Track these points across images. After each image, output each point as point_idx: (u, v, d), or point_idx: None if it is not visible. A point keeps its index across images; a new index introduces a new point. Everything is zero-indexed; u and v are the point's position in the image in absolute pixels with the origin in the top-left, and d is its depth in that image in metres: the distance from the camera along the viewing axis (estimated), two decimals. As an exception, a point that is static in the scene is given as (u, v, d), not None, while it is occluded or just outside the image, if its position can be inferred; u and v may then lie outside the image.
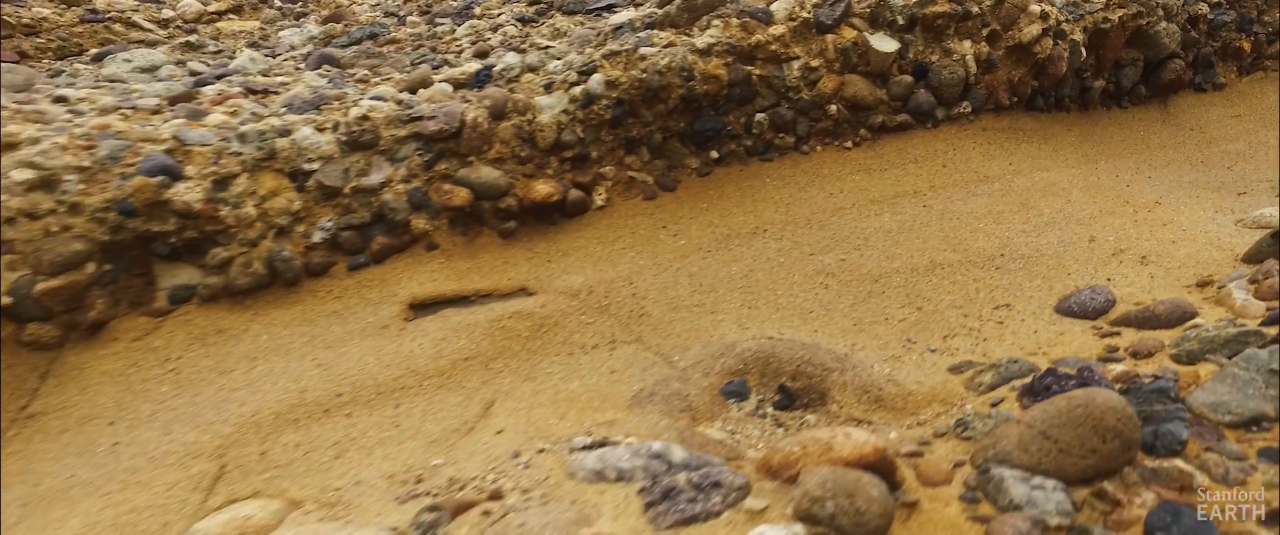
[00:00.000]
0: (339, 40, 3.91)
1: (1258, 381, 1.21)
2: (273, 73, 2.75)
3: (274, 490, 1.28)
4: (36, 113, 1.76)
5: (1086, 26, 2.86)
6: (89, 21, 6.05)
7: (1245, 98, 3.34)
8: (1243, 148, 2.98)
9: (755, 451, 1.30)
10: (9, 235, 1.58)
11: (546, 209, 2.14)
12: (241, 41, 5.48)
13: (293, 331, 1.74)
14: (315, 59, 2.91)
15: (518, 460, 1.24)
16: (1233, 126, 3.15)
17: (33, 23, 6.10)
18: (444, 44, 3.43)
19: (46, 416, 1.54)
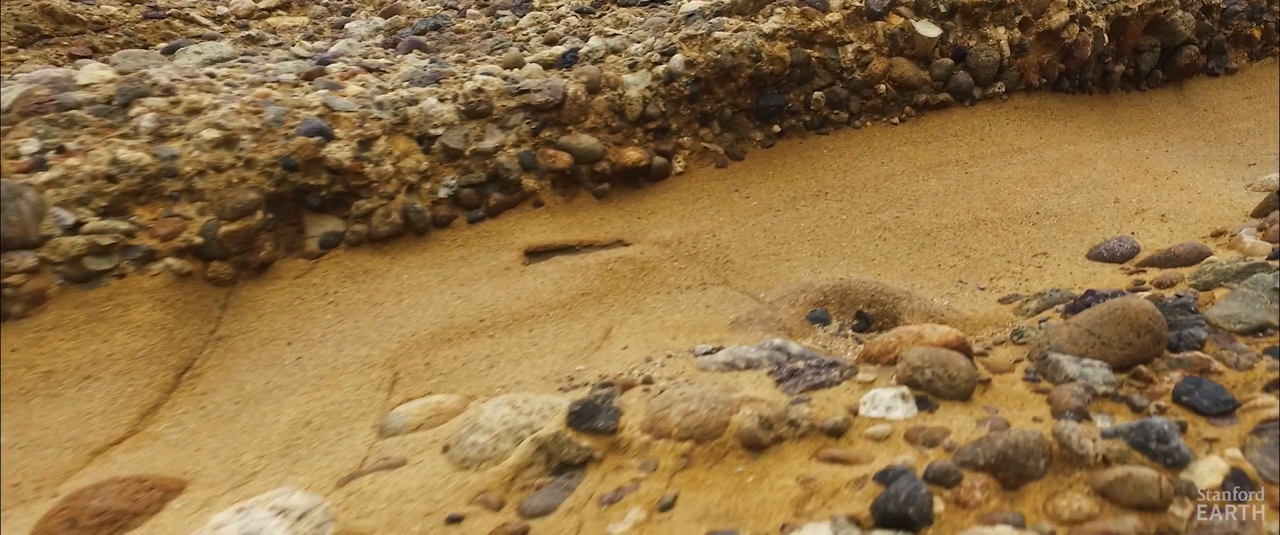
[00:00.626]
0: (404, 31, 4.17)
1: (1263, 298, 1.45)
2: (370, 56, 3.01)
3: (446, 390, 1.54)
4: (207, 84, 2.03)
5: (1109, 14, 3.09)
6: (151, 18, 6.38)
7: (1256, 81, 3.55)
8: (1253, 126, 3.20)
9: (849, 356, 1.55)
10: (200, 185, 1.84)
11: (634, 173, 2.39)
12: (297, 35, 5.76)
13: (428, 272, 2.00)
14: (406, 45, 3.17)
15: (651, 363, 1.49)
16: (1244, 107, 3.37)
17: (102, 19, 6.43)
18: (509, 34, 3.68)
19: (233, 339, 1.81)
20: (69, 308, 1.69)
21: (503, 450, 1.11)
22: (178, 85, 1.97)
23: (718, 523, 0.94)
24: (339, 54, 2.91)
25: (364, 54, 3.01)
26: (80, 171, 1.75)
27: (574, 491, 1.04)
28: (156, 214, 1.80)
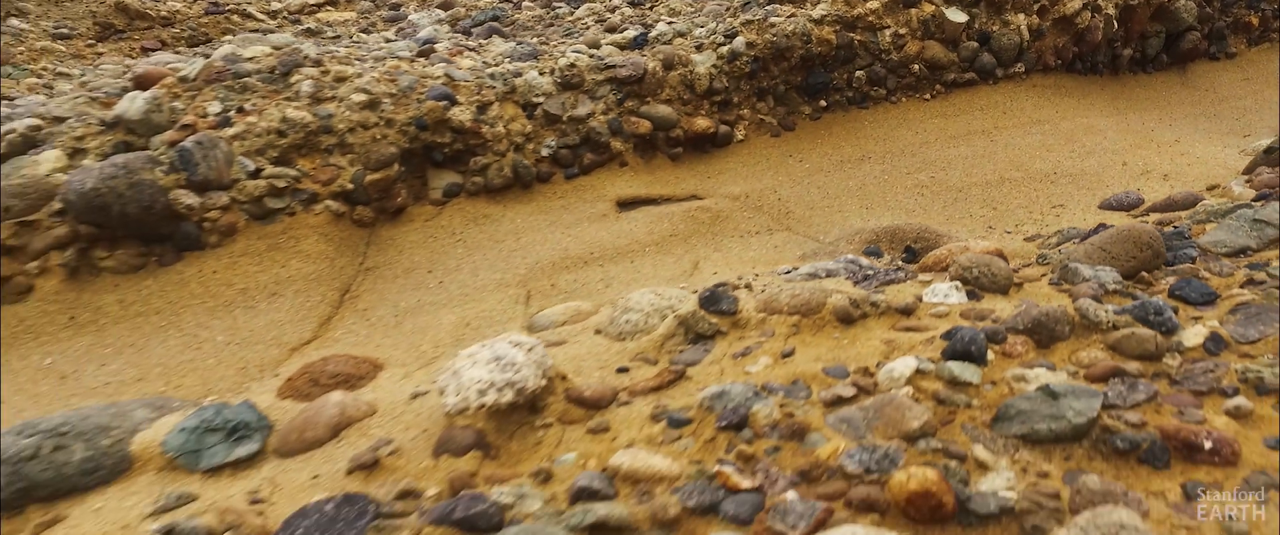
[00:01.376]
0: (464, 22, 4.49)
1: (1244, 228, 1.76)
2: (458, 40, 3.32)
3: (575, 301, 1.86)
4: (346, 57, 2.35)
5: (1118, 2, 3.38)
6: (212, 14, 6.77)
7: (1253, 64, 3.84)
8: (1250, 104, 3.49)
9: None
10: (350, 140, 2.17)
11: (703, 139, 2.70)
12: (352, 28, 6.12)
13: (537, 217, 2.32)
14: (485, 30, 3.48)
15: (743, 278, 1.81)
16: (1242, 88, 3.66)
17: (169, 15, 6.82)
18: (567, 24, 4.00)
19: (379, 269, 2.13)
20: (253, 238, 2.02)
21: (651, 325, 1.42)
22: (324, 58, 2.29)
23: (828, 363, 1.25)
24: (427, 39, 3.23)
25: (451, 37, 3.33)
26: (257, 128, 2.08)
27: (711, 351, 1.35)
28: (316, 164, 2.12)
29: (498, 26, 3.48)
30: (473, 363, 1.13)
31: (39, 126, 2.06)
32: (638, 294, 1.48)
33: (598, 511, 0.91)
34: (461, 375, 1.12)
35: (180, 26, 6.87)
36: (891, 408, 1.09)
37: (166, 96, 2.09)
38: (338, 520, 0.96)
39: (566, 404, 1.17)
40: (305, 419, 1.26)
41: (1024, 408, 1.09)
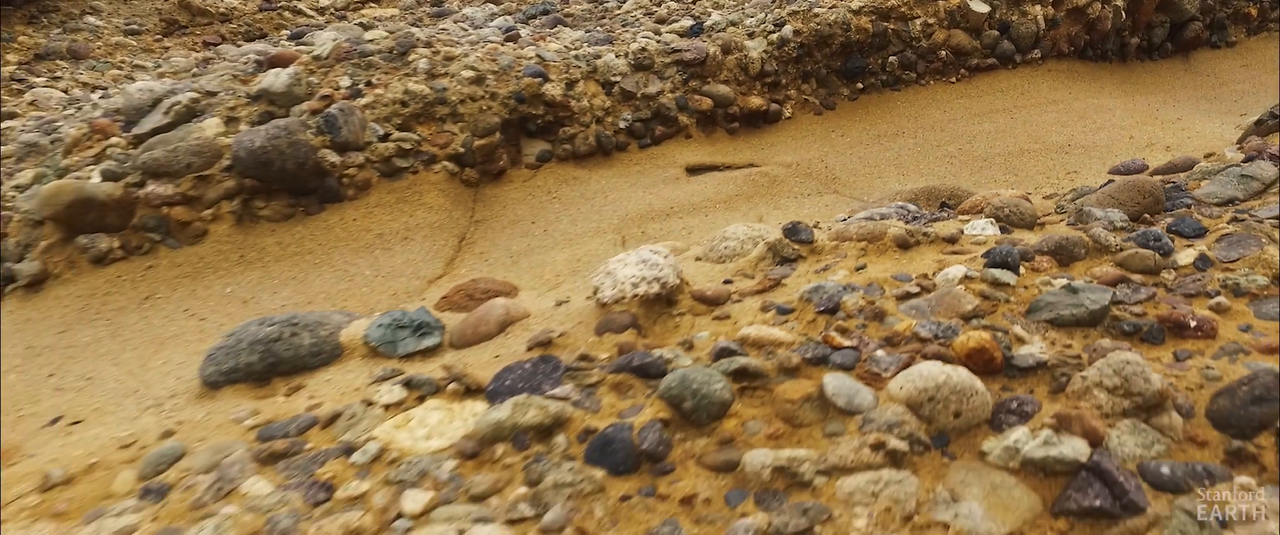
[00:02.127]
0: (517, 14, 4.80)
1: (1233, 182, 2.05)
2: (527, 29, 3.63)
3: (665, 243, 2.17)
4: (452, 40, 2.67)
5: (1128, -5, 3.67)
6: (266, 10, 7.15)
7: (1252, 52, 4.11)
8: (1248, 88, 3.77)
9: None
10: (461, 110, 2.49)
11: (756, 115, 3.01)
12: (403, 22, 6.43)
13: (618, 180, 2.63)
14: (550, 21, 3.79)
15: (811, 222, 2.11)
16: (1241, 73, 3.94)
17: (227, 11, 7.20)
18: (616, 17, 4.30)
19: (488, 221, 2.45)
20: (384, 192, 2.34)
21: (746, 249, 1.74)
22: (434, 40, 2.61)
23: (894, 273, 1.56)
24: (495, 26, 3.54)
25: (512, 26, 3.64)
26: (384, 98, 2.40)
27: (796, 269, 1.66)
28: (433, 130, 2.44)
29: (559, 17, 3.79)
30: (623, 265, 1.45)
31: (197, 98, 2.39)
32: (731, 226, 1.79)
33: (738, 362, 1.23)
34: (616, 274, 1.44)
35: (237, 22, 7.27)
36: (949, 297, 1.40)
37: (304, 72, 2.41)
38: (536, 373, 1.28)
39: (692, 301, 1.49)
40: (477, 318, 1.58)
41: (1051, 300, 1.40)
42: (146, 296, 2.03)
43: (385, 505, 1.02)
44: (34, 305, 2.04)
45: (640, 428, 1.10)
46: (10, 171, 2.49)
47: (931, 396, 1.12)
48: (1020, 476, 1.05)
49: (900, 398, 1.14)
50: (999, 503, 1.02)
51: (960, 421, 1.12)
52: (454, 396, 1.26)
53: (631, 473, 1.06)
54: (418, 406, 1.24)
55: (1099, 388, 1.16)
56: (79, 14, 6.80)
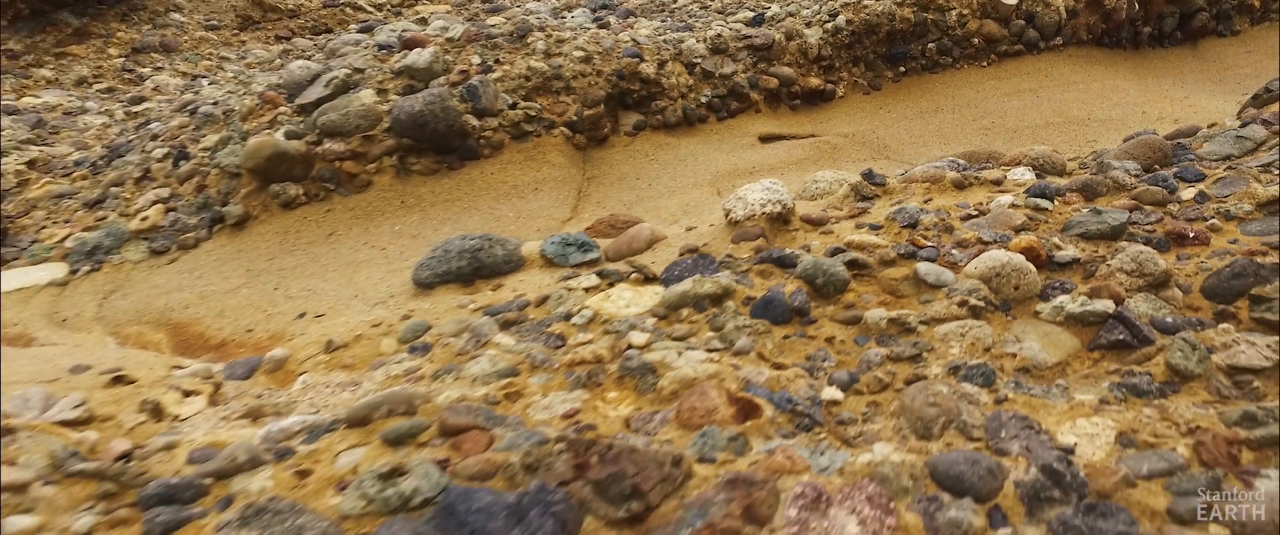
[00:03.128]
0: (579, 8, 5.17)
1: (1231, 142, 2.44)
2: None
3: (749, 195, 2.57)
4: (556, 25, 3.08)
5: (1141, -11, 4.04)
6: (330, 6, 7.61)
7: (1255, 40, 4.47)
8: (1250, 72, 4.13)
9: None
10: (573, 85, 2.90)
11: (815, 94, 3.41)
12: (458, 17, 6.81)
13: (703, 146, 3.04)
14: (623, 11, 4.19)
15: (871, 177, 2.51)
16: (1244, 59, 4.30)
17: (294, 8, 7.65)
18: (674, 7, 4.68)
19: (597, 179, 2.86)
20: (514, 152, 2.75)
21: (833, 189, 2.14)
22: (546, 25, 3.02)
23: (955, 203, 1.96)
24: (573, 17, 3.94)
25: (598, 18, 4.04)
26: (511, 73, 2.81)
27: (875, 204, 2.07)
28: (550, 101, 2.85)
29: (628, 9, 4.19)
30: (751, 191, 1.85)
31: (350, 74, 2.81)
32: (820, 172, 2.20)
33: (849, 255, 1.63)
34: (746, 198, 1.84)
35: (304, 18, 7.73)
36: (1002, 216, 1.80)
37: (441, 51, 2.82)
38: (697, 266, 1.69)
39: (801, 222, 1.89)
40: (628, 237, 1.99)
41: (1080, 220, 1.80)
42: (330, 233, 2.45)
43: (612, 344, 1.43)
44: (240, 240, 2.47)
45: (789, 293, 1.51)
46: (195, 138, 2.92)
47: (998, 273, 1.52)
48: (1064, 326, 1.45)
49: (974, 274, 1.54)
50: (1050, 342, 1.42)
51: (1018, 293, 1.53)
52: (636, 283, 1.67)
53: (786, 323, 1.47)
54: (610, 289, 1.65)
55: (1120, 271, 1.56)
56: (164, 11, 7.27)
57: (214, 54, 6.83)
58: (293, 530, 0.92)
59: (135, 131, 3.81)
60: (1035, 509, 0.95)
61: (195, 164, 2.72)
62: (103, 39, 6.76)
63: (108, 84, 5.69)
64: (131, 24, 7.11)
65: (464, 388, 1.29)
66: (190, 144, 2.89)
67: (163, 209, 2.60)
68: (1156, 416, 1.18)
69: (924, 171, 2.13)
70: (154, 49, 6.70)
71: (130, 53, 6.60)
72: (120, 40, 6.76)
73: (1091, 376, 1.34)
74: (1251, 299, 1.47)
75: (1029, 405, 1.22)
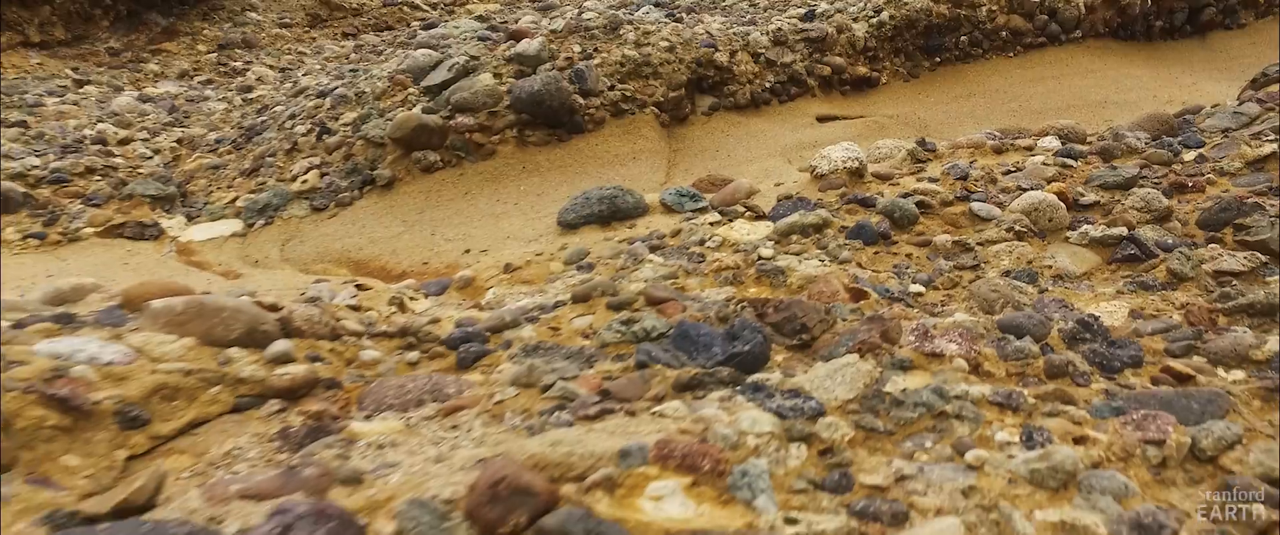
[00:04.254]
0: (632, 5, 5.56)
1: (1228, 117, 2.84)
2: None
3: (815, 162, 2.99)
4: (642, 19, 3.50)
5: (1154, -13, 4.42)
6: (389, 5, 8.06)
7: (1259, 32, 4.84)
8: (1254, 61, 4.49)
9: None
10: (660, 71, 3.32)
11: (861, 81, 3.82)
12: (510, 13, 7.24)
13: (769, 124, 3.46)
14: (688, 6, 4.61)
15: (920, 147, 2.93)
16: (1249, 50, 4.67)
17: (357, 7, 8.11)
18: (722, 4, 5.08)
19: (682, 150, 3.28)
20: (613, 128, 3.19)
21: (893, 154, 2.56)
22: (632, 19, 3.45)
23: (996, 163, 2.37)
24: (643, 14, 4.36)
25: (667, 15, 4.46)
26: (609, 60, 3.24)
27: (929, 165, 2.48)
28: (641, 84, 3.28)
29: (696, 5, 4.61)
30: (833, 150, 2.28)
31: (469, 60, 3.25)
32: (881, 141, 2.62)
33: (917, 197, 2.05)
34: (830, 155, 2.27)
35: (366, 16, 8.20)
36: (1035, 169, 2.21)
37: (547, 41, 3.26)
38: (796, 206, 2.11)
39: (872, 176, 2.32)
40: (730, 191, 2.41)
41: (1099, 174, 2.21)
42: (465, 192, 2.89)
43: (744, 257, 1.86)
44: (390, 199, 2.92)
45: (875, 222, 1.94)
46: (333, 116, 3.37)
47: (1036, 208, 1.94)
48: (1089, 247, 1.87)
49: (1017, 209, 1.96)
50: (1078, 259, 1.84)
51: (1052, 224, 1.95)
52: (750, 219, 2.10)
53: (874, 244, 1.89)
54: (731, 223, 2.08)
55: (1132, 208, 1.98)
56: (240, 10, 7.76)
57: (291, 49, 7.30)
58: (565, 355, 1.36)
59: (257, 114, 4.28)
60: (1073, 344, 1.38)
61: (340, 137, 3.17)
62: (190, 36, 7.23)
63: (206, 76, 6.15)
64: (213, 22, 7.58)
65: (641, 285, 1.72)
66: (330, 121, 3.34)
67: (318, 174, 3.05)
68: (1159, 301, 1.60)
69: (967, 139, 2.55)
70: (238, 45, 7.17)
71: (217, 48, 7.08)
72: (206, 37, 7.24)
73: (1110, 280, 1.76)
74: (1235, 227, 1.88)
75: (1064, 293, 1.65)
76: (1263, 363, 1.31)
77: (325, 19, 8.00)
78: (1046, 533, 0.83)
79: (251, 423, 1.16)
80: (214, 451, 1.08)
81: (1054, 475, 0.92)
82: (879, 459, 0.98)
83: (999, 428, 1.05)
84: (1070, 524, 0.84)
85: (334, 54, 6.96)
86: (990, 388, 1.14)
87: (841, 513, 0.84)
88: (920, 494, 0.89)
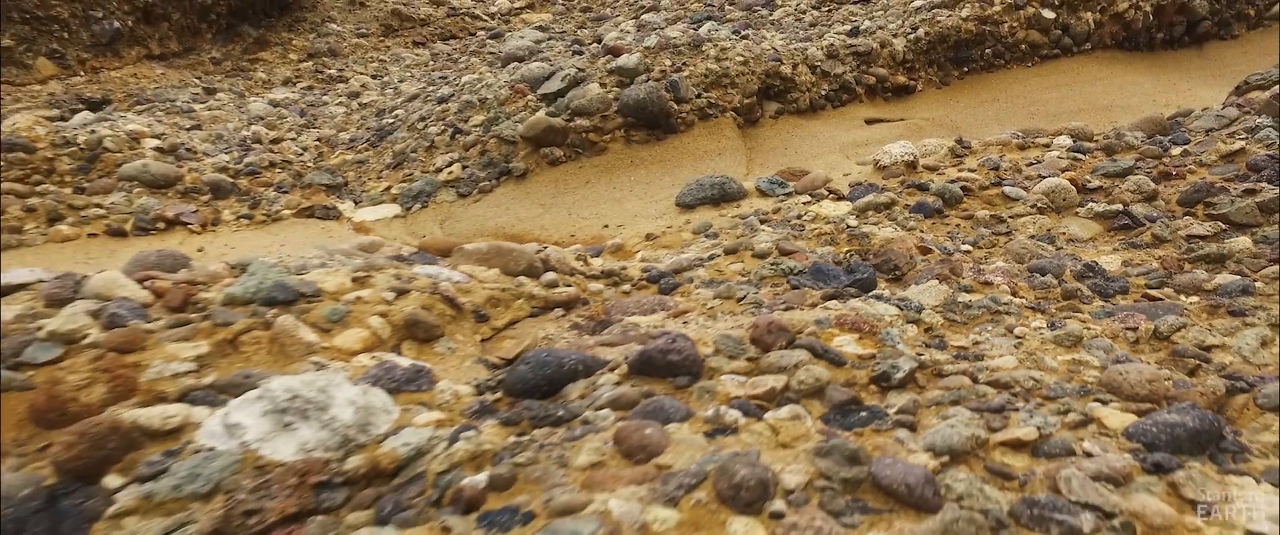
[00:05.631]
0: (686, 18, 6.16)
1: (1212, 119, 3.42)
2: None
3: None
4: (717, 40, 4.11)
5: (1153, 2, 4.99)
6: (452, 16, 8.68)
7: (1251, 43, 5.38)
8: (1245, 69, 5.04)
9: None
10: (736, 80, 3.93)
11: (901, 89, 4.42)
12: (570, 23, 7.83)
13: (826, 126, 4.07)
14: (740, 23, 5.22)
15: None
16: (1241, 59, 5.22)
17: (424, 18, 8.74)
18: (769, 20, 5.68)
19: (757, 148, 3.89)
20: (700, 129, 3.80)
21: (938, 151, 3.16)
22: (711, 37, 4.07)
23: (1021, 160, 2.97)
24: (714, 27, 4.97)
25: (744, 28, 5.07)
26: (695, 73, 3.85)
27: (967, 159, 3.08)
28: (721, 93, 3.89)
29: (747, 22, 5.21)
30: (893, 146, 2.88)
31: (577, 72, 3.87)
32: (927, 139, 3.22)
33: (960, 183, 2.65)
34: (891, 150, 2.88)
35: (433, 26, 8.84)
36: (1052, 161, 2.81)
37: (643, 56, 3.88)
38: (868, 190, 2.72)
39: (923, 169, 2.92)
40: (810, 179, 3.02)
41: (1102, 166, 2.81)
42: (586, 181, 3.52)
43: (834, 226, 2.47)
44: (524, 187, 3.54)
45: (930, 202, 2.55)
46: (462, 118, 4.00)
47: (1053, 190, 2.55)
48: (1093, 219, 2.47)
49: (1038, 192, 2.56)
50: (1084, 228, 2.44)
51: (1065, 203, 2.55)
52: (833, 200, 2.71)
53: (930, 218, 2.50)
54: (818, 203, 2.70)
55: (1126, 191, 2.58)
56: (320, 21, 8.41)
57: (372, 57, 7.95)
58: (738, 284, 1.97)
59: (376, 117, 4.92)
60: (1080, 279, 1.98)
61: (474, 137, 3.80)
62: (280, 47, 7.90)
63: (307, 83, 6.80)
64: (298, 33, 8.24)
65: (770, 242, 2.33)
66: (460, 123, 3.97)
67: (460, 166, 3.69)
68: (1144, 255, 2.21)
69: (996, 138, 3.15)
70: (324, 54, 7.82)
71: (307, 57, 7.73)
72: (296, 47, 7.89)
73: (1108, 242, 2.37)
74: (1205, 204, 2.48)
75: (1074, 250, 2.25)
76: (1211, 291, 1.91)
77: (397, 29, 8.65)
78: (1064, 365, 1.44)
79: (548, 322, 1.79)
80: (536, 334, 1.70)
81: (1068, 339, 1.53)
82: (960, 334, 1.59)
83: (1032, 320, 1.66)
84: (1079, 361, 1.45)
85: (413, 61, 7.62)
86: (1025, 300, 1.76)
87: (944, 354, 1.46)
88: (987, 349, 1.51)
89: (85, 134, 3.47)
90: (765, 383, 1.20)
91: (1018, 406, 1.18)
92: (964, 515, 0.87)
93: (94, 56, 6.28)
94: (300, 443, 1.12)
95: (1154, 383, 1.25)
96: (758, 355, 1.32)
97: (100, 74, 6.43)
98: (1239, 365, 1.51)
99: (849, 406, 1.16)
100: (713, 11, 6.34)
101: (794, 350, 1.30)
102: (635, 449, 1.00)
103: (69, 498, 1.11)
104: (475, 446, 1.09)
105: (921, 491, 0.91)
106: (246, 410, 1.16)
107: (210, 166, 3.61)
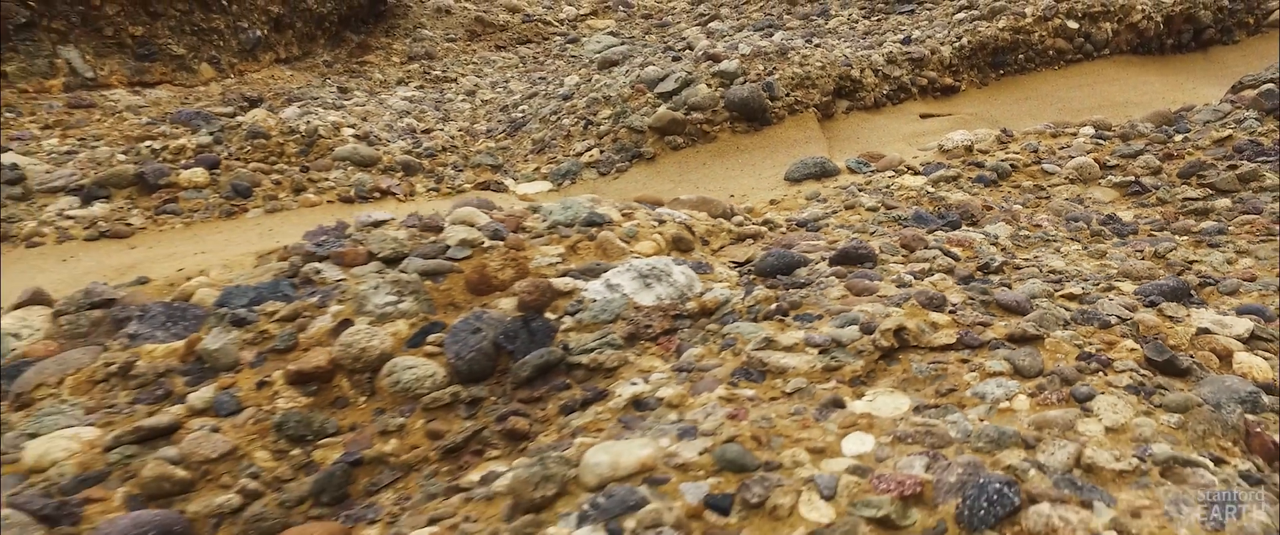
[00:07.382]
0: (747, 26, 6.96)
1: (1209, 112, 4.20)
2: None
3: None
4: (798, 49, 4.92)
5: (1164, 13, 5.75)
6: (527, 22, 9.55)
7: (1251, 48, 6.11)
8: (1245, 70, 5.79)
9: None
10: (816, 82, 4.74)
11: (948, 89, 5.20)
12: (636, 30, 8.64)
13: (888, 121, 4.86)
14: (806, 33, 6.02)
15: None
16: (1241, 62, 5.95)
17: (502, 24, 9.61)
18: (825, 29, 6.47)
19: (834, 138, 4.69)
20: (790, 121, 4.61)
21: (986, 139, 3.96)
22: (794, 45, 4.88)
23: (1055, 144, 3.76)
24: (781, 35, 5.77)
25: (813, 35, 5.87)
26: (784, 76, 4.66)
27: (1011, 144, 3.88)
28: (805, 92, 4.69)
29: (807, 32, 6.01)
30: (954, 133, 3.69)
31: (686, 75, 4.69)
32: (977, 128, 4.02)
33: (1009, 161, 3.45)
34: (952, 137, 3.68)
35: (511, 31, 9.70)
36: (1079, 146, 3.61)
37: (741, 61, 4.69)
38: (938, 167, 3.53)
39: (977, 152, 3.73)
40: (888, 160, 3.83)
41: (1119, 149, 3.60)
42: (703, 163, 4.34)
43: (917, 193, 3.27)
44: (653, 168, 4.37)
45: (987, 174, 3.35)
46: (593, 112, 4.84)
47: (1081, 166, 3.35)
48: (1112, 188, 3.27)
49: (1070, 167, 3.37)
50: (1104, 194, 3.24)
51: (1090, 175, 3.35)
52: (911, 174, 3.53)
53: (989, 186, 3.31)
54: (899, 177, 3.51)
55: (1137, 167, 3.38)
56: (413, 28, 9.27)
57: (465, 60, 8.79)
58: (866, 226, 2.79)
59: (501, 113, 5.76)
60: (1103, 225, 2.80)
61: (606, 127, 4.63)
62: (381, 51, 8.77)
63: (417, 83, 7.64)
64: (394, 38, 9.12)
65: (870, 204, 3.14)
66: (591, 117, 4.80)
67: (597, 151, 4.52)
68: (1150, 211, 3.01)
69: (1033, 129, 3.95)
70: (422, 57, 8.69)
71: (408, 60, 8.59)
72: (396, 51, 8.77)
73: (1124, 203, 3.17)
74: (1198, 176, 3.28)
75: (1098, 208, 3.06)
76: (1197, 232, 2.72)
77: (480, 34, 9.51)
78: (1094, 267, 2.26)
79: (745, 248, 2.61)
80: (747, 252, 2.53)
81: (1097, 253, 2.35)
82: (1026, 251, 2.41)
83: (1071, 245, 2.48)
84: (1104, 264, 2.27)
85: (503, 63, 8.47)
86: (1066, 234, 2.57)
87: (1017, 259, 2.28)
88: (1046, 256, 2.32)
89: (304, 124, 4.33)
90: (918, 265, 2.02)
91: (1069, 280, 2.00)
92: (1046, 314, 1.69)
93: (241, 61, 7.16)
94: (657, 294, 1.95)
95: (1152, 270, 2.06)
96: (907, 254, 2.15)
97: (245, 76, 7.32)
98: (1209, 272, 2.31)
99: (970, 277, 1.98)
100: (773, 20, 7.12)
101: (928, 250, 2.12)
102: (863, 289, 1.82)
103: (534, 321, 1.94)
104: (760, 295, 1.92)
105: (1022, 305, 1.73)
106: (620, 277, 1.99)
107: (398, 150, 4.46)
